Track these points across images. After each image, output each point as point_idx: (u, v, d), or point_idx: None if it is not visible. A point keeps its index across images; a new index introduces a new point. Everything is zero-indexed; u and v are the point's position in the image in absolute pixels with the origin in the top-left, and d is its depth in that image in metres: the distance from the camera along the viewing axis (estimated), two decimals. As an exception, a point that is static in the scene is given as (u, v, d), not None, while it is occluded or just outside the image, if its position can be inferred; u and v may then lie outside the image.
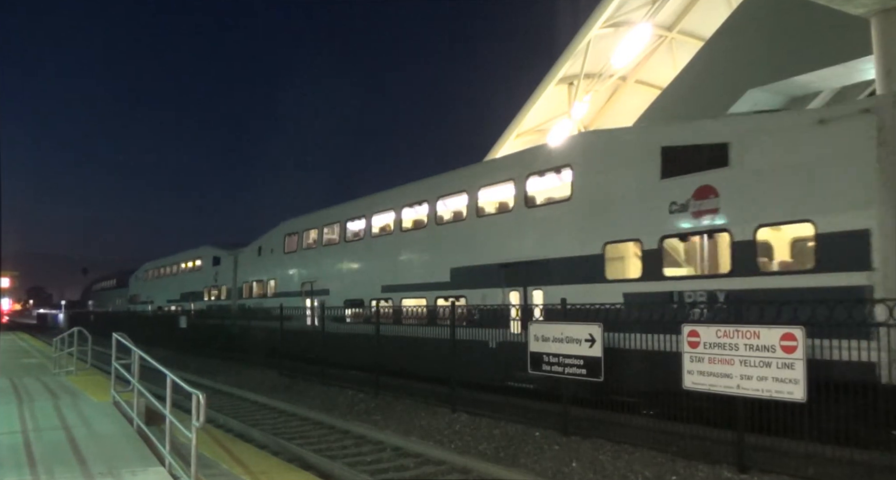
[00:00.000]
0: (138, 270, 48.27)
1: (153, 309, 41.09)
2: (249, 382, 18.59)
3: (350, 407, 13.83)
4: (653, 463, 8.59)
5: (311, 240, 23.26)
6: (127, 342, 9.17)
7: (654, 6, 24.25)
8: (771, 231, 10.14)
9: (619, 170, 12.38)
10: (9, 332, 45.04)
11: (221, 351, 25.46)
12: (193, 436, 5.77)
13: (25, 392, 11.57)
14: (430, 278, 16.76)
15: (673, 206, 11.19)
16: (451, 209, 16.89)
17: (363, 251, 20.07)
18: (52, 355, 17.48)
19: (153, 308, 41.28)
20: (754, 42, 19.93)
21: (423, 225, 17.74)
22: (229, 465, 6.96)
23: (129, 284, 49.99)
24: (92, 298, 70.69)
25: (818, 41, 16.34)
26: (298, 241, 23.95)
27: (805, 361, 7.56)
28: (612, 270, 12.21)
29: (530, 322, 11.11)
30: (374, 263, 19.38)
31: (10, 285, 75.66)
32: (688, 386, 8.62)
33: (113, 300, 56.00)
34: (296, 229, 24.27)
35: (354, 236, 20.70)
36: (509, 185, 14.81)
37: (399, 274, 18.06)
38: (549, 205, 14.07)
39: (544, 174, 14.10)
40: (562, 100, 27.91)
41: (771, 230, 10.13)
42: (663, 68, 26.80)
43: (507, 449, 9.73)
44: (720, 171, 10.53)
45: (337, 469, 8.62)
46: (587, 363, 9.93)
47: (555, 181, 14.11)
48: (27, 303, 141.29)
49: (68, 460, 6.68)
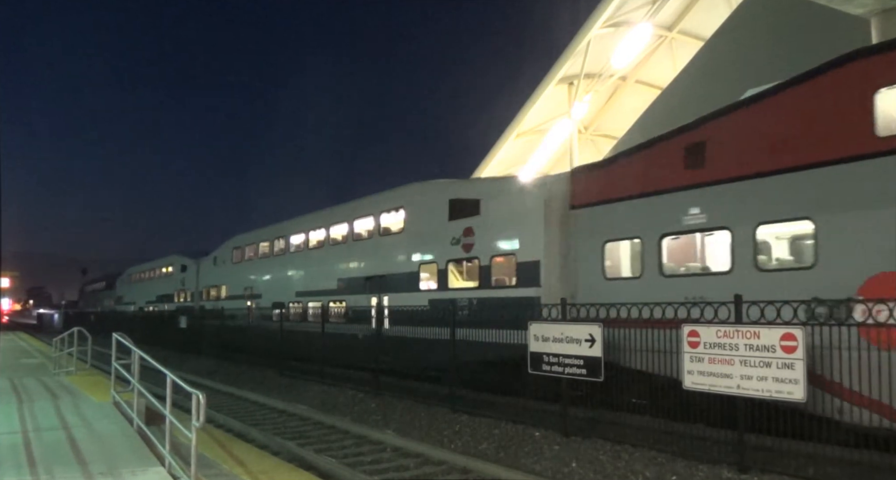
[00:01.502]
0: (123, 274, 53.64)
1: (135, 309, 46.31)
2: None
3: (350, 407, 13.83)
4: (653, 463, 8.59)
5: (250, 253, 28.61)
6: (127, 342, 9.17)
7: (654, 6, 24.23)
8: (498, 259, 14.81)
9: (428, 212, 17.04)
10: (9, 332, 45.06)
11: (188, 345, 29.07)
12: (193, 436, 5.77)
13: (25, 392, 11.57)
14: (325, 286, 21.71)
15: (453, 240, 15.97)
16: (338, 234, 21.88)
17: (284, 264, 25.28)
18: (51, 355, 17.48)
19: (135, 308, 46.46)
20: (754, 42, 19.93)
21: (321, 245, 22.92)
22: (229, 465, 6.96)
23: (116, 286, 55.14)
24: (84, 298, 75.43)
25: (818, 41, 16.34)
26: (242, 254, 29.45)
27: (805, 361, 7.57)
28: (422, 283, 17.01)
29: (530, 323, 11.09)
30: (290, 273, 24.59)
31: (10, 286, 75.71)
32: (688, 386, 8.63)
33: (102, 301, 60.41)
34: (240, 244, 29.82)
35: (279, 252, 25.90)
36: (370, 218, 19.84)
37: (306, 283, 23.25)
38: (391, 234, 18.85)
39: (390, 212, 18.97)
40: (562, 100, 27.88)
41: (498, 259, 14.80)
42: (663, 68, 26.78)
43: (507, 449, 9.73)
44: (475, 217, 15.39)
45: (337, 469, 8.62)
46: (587, 362, 9.93)
47: (396, 218, 18.75)
48: (27, 303, 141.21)
49: (68, 460, 6.68)
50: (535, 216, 13.73)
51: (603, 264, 12.65)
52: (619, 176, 12.76)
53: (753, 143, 10.34)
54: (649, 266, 11.66)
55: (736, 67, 19.27)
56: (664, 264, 11.51)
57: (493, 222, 14.97)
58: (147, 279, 45.53)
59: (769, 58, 17.91)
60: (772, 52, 18.17)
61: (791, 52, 16.86)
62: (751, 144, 10.38)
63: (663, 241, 11.50)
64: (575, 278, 13.15)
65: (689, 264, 11.70)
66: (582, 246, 13.13)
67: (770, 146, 10.06)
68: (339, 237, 21.72)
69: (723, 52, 21.60)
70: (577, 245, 13.22)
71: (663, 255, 11.51)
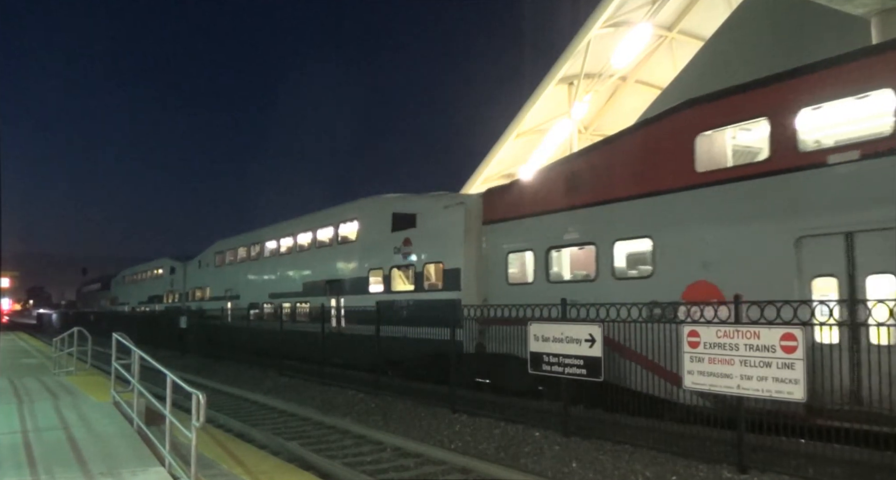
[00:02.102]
0: (117, 275, 56.57)
1: (129, 309, 49.03)
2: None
3: (350, 407, 13.83)
4: (653, 463, 8.59)
5: (230, 258, 31.18)
6: (127, 342, 9.17)
7: (654, 6, 24.24)
8: (430, 266, 16.93)
9: (376, 224, 19.39)
10: (9, 332, 45.06)
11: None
12: (193, 436, 5.77)
13: (25, 392, 11.57)
14: (293, 288, 24.03)
15: (395, 249, 18.13)
16: (304, 241, 24.22)
17: (259, 268, 27.78)
18: (51, 355, 17.49)
19: (129, 308, 49.15)
20: (754, 42, 19.93)
21: (290, 251, 25.09)
22: (229, 465, 6.96)
23: (111, 287, 57.82)
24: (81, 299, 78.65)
25: (818, 41, 16.35)
26: (223, 258, 32.04)
27: (805, 361, 7.57)
28: (371, 286, 19.30)
29: (529, 323, 11.08)
30: (264, 276, 27.01)
31: (10, 286, 75.80)
32: (688, 386, 8.63)
33: (99, 301, 63.22)
34: (221, 249, 32.28)
35: (255, 256, 28.39)
36: (331, 228, 22.17)
37: (278, 285, 25.50)
38: (347, 243, 21.12)
39: (346, 223, 21.31)
40: (562, 100, 27.89)
41: (429, 266, 16.93)
42: (663, 68, 26.79)
43: (507, 449, 9.73)
44: (412, 230, 17.61)
45: (337, 469, 8.62)
46: (587, 362, 9.93)
47: (351, 228, 21.07)
48: (27, 303, 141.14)
49: (68, 460, 6.68)
50: (457, 230, 16.02)
51: (507, 272, 14.82)
52: (519, 197, 15.01)
53: (612, 174, 12.55)
54: (539, 274, 13.87)
55: (736, 67, 19.27)
56: (551, 272, 13.79)
57: (426, 233, 17.32)
58: (139, 281, 48.02)
59: (769, 58, 17.91)
60: (772, 52, 18.18)
61: (791, 52, 16.86)
62: (610, 175, 12.59)
63: (550, 253, 13.77)
64: (487, 283, 15.27)
65: (569, 273, 14.01)
66: (492, 256, 15.28)
67: (623, 177, 12.22)
68: (305, 244, 24.26)
69: (723, 52, 21.60)
70: (488, 255, 15.39)
71: (551, 264, 13.81)
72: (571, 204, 13.20)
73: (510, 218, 14.94)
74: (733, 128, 10.79)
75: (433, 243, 16.94)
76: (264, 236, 27.62)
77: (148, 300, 44.77)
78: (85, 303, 72.04)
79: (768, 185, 9.90)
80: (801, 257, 9.45)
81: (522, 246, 14.42)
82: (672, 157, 11.30)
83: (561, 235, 13.42)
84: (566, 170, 13.70)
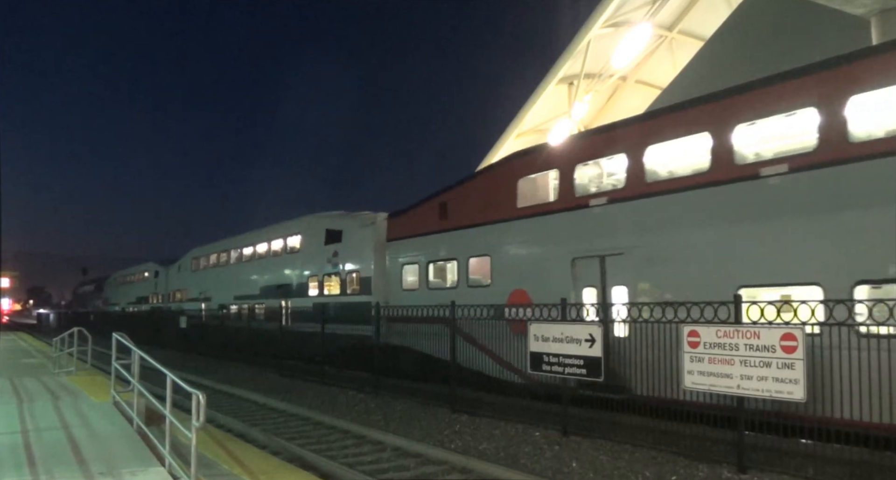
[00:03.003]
0: (110, 277, 60.91)
1: (119, 309, 52.46)
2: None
3: (350, 407, 13.83)
4: (653, 463, 8.59)
5: (204, 263, 34.99)
6: (127, 342, 9.17)
7: (654, 6, 24.22)
8: (351, 274, 20.83)
9: (313, 238, 23.39)
10: (9, 332, 45.05)
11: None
12: (193, 436, 5.77)
13: (25, 392, 11.56)
14: (252, 292, 27.89)
15: (327, 259, 22.15)
16: (262, 250, 28.20)
17: (227, 273, 31.59)
18: (51, 355, 17.48)
19: (120, 308, 52.53)
20: (754, 42, 19.92)
21: (251, 259, 29.21)
22: (229, 465, 6.96)
23: (104, 288, 61.87)
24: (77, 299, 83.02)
25: (818, 41, 16.34)
26: (197, 263, 35.95)
27: (805, 361, 7.57)
28: (310, 290, 23.10)
29: (529, 323, 11.09)
30: (231, 280, 30.56)
31: (10, 285, 75.97)
32: (687, 386, 8.63)
33: (93, 302, 66.57)
34: (197, 255, 36.16)
35: (224, 263, 32.28)
36: (281, 239, 26.09)
37: (241, 288, 29.07)
38: (293, 253, 25.02)
39: (293, 236, 25.27)
40: (562, 100, 27.88)
41: (351, 274, 20.85)
42: (663, 68, 26.78)
43: (507, 449, 9.73)
44: (339, 243, 21.61)
45: (337, 469, 8.62)
46: (587, 362, 9.94)
47: (296, 241, 25.00)
48: (27, 303, 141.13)
49: (68, 460, 6.67)
50: (369, 245, 20.00)
51: (402, 280, 18.28)
52: (410, 220, 18.36)
53: (468, 206, 16.10)
54: (423, 282, 17.38)
55: (736, 67, 19.27)
56: (430, 280, 17.24)
57: (349, 247, 21.27)
58: (129, 283, 52.09)
59: (769, 57, 17.90)
60: (772, 52, 18.16)
61: (791, 52, 16.86)
62: (467, 206, 16.14)
63: (429, 265, 17.25)
64: (390, 289, 18.79)
65: (442, 282, 17.14)
66: (392, 267, 18.82)
67: (474, 209, 15.82)
68: (262, 253, 28.25)
69: (723, 52, 21.59)
70: (390, 266, 18.91)
71: (430, 275, 17.28)
72: (443, 228, 16.82)
73: (404, 237, 18.50)
74: (539, 175, 14.23)
75: (353, 256, 20.98)
76: (230, 245, 31.81)
77: (136, 301, 48.57)
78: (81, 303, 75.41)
79: (555, 220, 13.50)
80: (574, 273, 12.84)
81: (412, 260, 17.99)
82: (504, 195, 14.85)
83: (437, 252, 16.99)
84: (440, 200, 17.14)
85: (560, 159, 13.56)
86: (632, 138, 12.12)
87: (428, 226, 17.29)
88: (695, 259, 10.84)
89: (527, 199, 14.30)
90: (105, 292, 60.49)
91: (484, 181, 15.82)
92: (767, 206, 9.94)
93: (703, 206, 10.79)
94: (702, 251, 10.75)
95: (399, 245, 18.57)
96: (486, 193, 15.50)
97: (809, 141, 9.61)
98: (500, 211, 14.79)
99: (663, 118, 12.00)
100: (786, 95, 9.97)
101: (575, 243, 12.85)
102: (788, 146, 10.12)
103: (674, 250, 11.16)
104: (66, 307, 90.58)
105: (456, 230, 16.24)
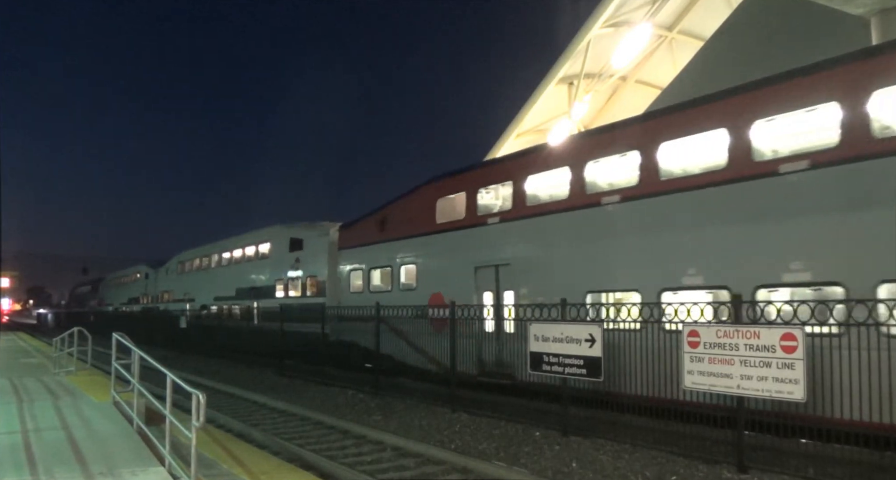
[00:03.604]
0: (105, 278, 64.36)
1: (113, 309, 55.22)
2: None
3: (350, 407, 13.84)
4: (653, 463, 8.59)
5: (189, 266, 38.18)
6: (127, 342, 9.17)
7: (654, 6, 24.22)
8: (310, 278, 24.14)
9: (280, 246, 26.61)
10: (9, 332, 45.04)
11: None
12: (193, 436, 5.76)
13: (25, 392, 11.56)
14: (229, 293, 31.01)
15: (291, 265, 25.32)
16: (237, 256, 31.70)
17: (207, 276, 34.92)
18: (52, 355, 17.48)
19: (113, 308, 55.33)
20: (754, 42, 19.91)
21: (228, 263, 32.58)
22: (229, 465, 6.96)
23: (99, 289, 64.97)
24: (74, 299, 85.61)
25: (818, 41, 16.33)
26: (182, 266, 39.18)
27: (805, 361, 7.57)
28: (277, 292, 26.22)
29: (529, 323, 11.09)
30: (211, 283, 33.94)
31: (10, 285, 76.07)
32: (688, 386, 8.63)
33: (89, 302, 69.12)
34: (183, 259, 39.34)
35: (205, 266, 35.67)
36: (254, 246, 29.56)
37: (219, 290, 32.36)
38: (263, 259, 28.53)
39: (263, 243, 28.74)
40: (562, 100, 27.89)
41: (309, 278, 24.17)
42: (663, 68, 26.77)
43: (507, 449, 9.73)
44: (301, 251, 24.73)
45: (337, 469, 8.61)
46: (587, 362, 9.94)
47: (266, 247, 28.45)
48: (27, 303, 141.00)
49: (68, 460, 6.67)
50: (324, 253, 23.18)
51: (350, 283, 20.60)
52: (357, 231, 20.80)
53: (399, 220, 18.52)
54: (366, 285, 19.72)
55: (736, 67, 19.25)
56: (371, 284, 19.49)
57: (308, 254, 24.41)
58: (121, 284, 55.38)
59: (769, 57, 17.89)
60: (772, 52, 18.15)
61: (791, 52, 16.85)
62: (399, 220, 18.57)
63: (370, 271, 19.61)
64: (340, 292, 21.09)
65: (381, 285, 19.23)
66: (342, 272, 21.17)
67: (404, 223, 18.23)
68: (238, 258, 31.57)
69: (723, 52, 21.58)
70: (341, 271, 21.29)
71: (371, 279, 19.54)
72: (382, 239, 19.13)
73: (352, 246, 20.90)
74: (453, 196, 16.59)
75: (312, 262, 24.15)
76: (211, 250, 35.13)
77: (128, 301, 51.78)
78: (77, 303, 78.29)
79: (463, 234, 15.89)
80: (477, 279, 15.19)
81: (357, 266, 20.36)
82: (426, 212, 17.19)
83: (377, 259, 19.28)
84: (380, 215, 19.63)
85: (468, 184, 16.11)
86: (518, 169, 14.72)
87: (370, 237, 19.67)
88: (556, 270, 13.31)
89: (443, 216, 16.73)
90: (101, 293, 63.39)
91: (413, 199, 18.13)
92: (603, 230, 12.44)
93: (561, 227, 13.35)
94: (559, 264, 13.32)
95: (348, 253, 21.05)
96: (414, 209, 17.90)
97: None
98: (424, 226, 17.26)
99: (537, 154, 14.70)
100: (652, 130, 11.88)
101: (477, 255, 15.28)
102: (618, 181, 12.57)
103: (542, 262, 13.67)
104: (65, 307, 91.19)
105: (391, 241, 18.66)
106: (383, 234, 19.04)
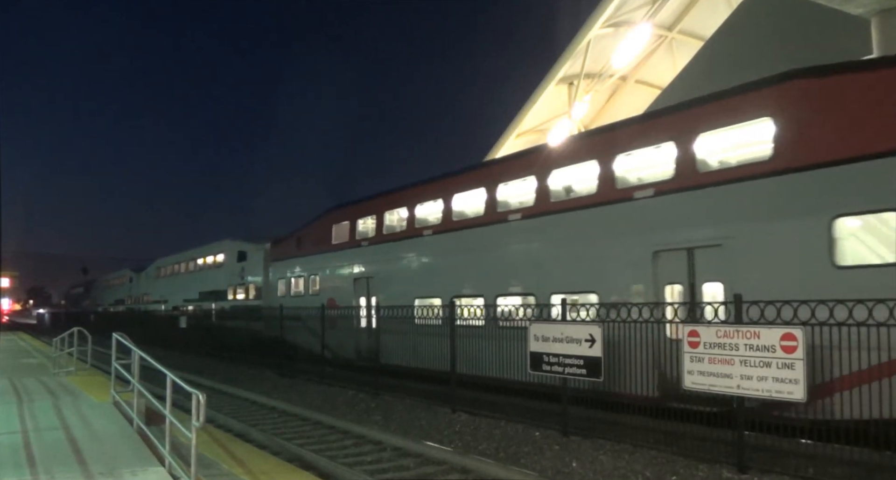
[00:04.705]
0: (97, 281, 72.30)
1: (102, 309, 60.11)
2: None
3: (350, 407, 13.83)
4: (653, 463, 8.58)
5: (165, 271, 45.09)
6: (127, 342, 9.17)
7: (654, 6, 24.23)
8: (251, 285, 31.49)
9: (231, 257, 33.66)
10: (9, 332, 45.04)
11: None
12: (193, 436, 5.76)
13: (25, 392, 11.56)
14: (194, 296, 37.81)
15: (238, 274, 32.74)
16: (200, 263, 38.59)
17: (177, 280, 41.92)
18: (51, 355, 17.48)
19: (102, 309, 60.31)
20: (754, 42, 19.91)
21: (194, 269, 39.40)
22: (229, 465, 6.96)
23: (91, 290, 72.62)
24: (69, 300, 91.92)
25: (818, 41, 16.34)
26: (159, 271, 46.47)
27: (805, 361, 7.56)
28: (228, 296, 33.11)
29: (530, 323, 11.09)
30: (181, 286, 40.61)
31: (10, 285, 76.03)
32: (688, 386, 8.62)
33: (83, 303, 75.10)
34: (159, 265, 46.78)
35: (176, 272, 42.35)
36: (213, 256, 36.11)
37: (187, 293, 39.07)
38: (219, 267, 35.27)
39: (219, 254, 35.51)
40: (562, 100, 27.90)
41: (251, 285, 31.49)
42: (663, 68, 26.78)
43: (507, 449, 9.73)
44: (245, 262, 32.00)
45: (337, 469, 8.61)
46: (587, 363, 9.93)
47: (221, 257, 35.10)
48: (27, 303, 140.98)
49: (68, 460, 6.67)
50: (260, 263, 28.24)
51: (277, 289, 25.19)
52: (283, 247, 25.50)
53: (310, 240, 23.13)
54: (288, 291, 24.41)
55: (736, 67, 19.25)
56: (292, 290, 24.11)
57: (250, 264, 30.71)
58: (111, 286, 61.70)
59: (769, 57, 17.89)
60: (772, 52, 18.16)
61: (791, 52, 16.87)
62: (310, 240, 23.21)
63: (291, 279, 24.22)
64: (271, 296, 25.64)
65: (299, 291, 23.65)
66: (273, 280, 25.95)
67: (313, 242, 22.90)
68: (201, 265, 38.12)
69: (723, 52, 21.59)
70: (272, 280, 26.05)
71: (291, 286, 24.24)
72: (299, 254, 23.81)
73: (279, 259, 25.63)
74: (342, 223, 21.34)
75: (253, 271, 30.21)
76: (182, 258, 41.67)
77: (115, 303, 58.12)
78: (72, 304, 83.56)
79: (347, 253, 20.79)
80: (355, 288, 20.03)
81: (283, 275, 25.06)
82: (326, 234, 21.93)
83: (295, 270, 24.06)
84: (297, 234, 24.23)
85: (350, 215, 21.19)
86: (382, 206, 19.57)
87: (291, 252, 24.42)
88: (398, 282, 18.27)
89: (337, 238, 21.41)
90: (92, 294, 70.47)
91: (319, 224, 22.85)
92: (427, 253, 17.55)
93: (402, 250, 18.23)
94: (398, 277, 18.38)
95: (277, 264, 25.92)
96: (319, 232, 22.50)
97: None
98: (324, 246, 21.96)
99: (399, 194, 18.99)
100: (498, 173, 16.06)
101: (356, 269, 20.31)
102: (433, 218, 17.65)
103: (390, 276, 18.73)
104: (62, 307, 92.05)
105: (305, 256, 23.45)
106: (300, 250, 23.83)
